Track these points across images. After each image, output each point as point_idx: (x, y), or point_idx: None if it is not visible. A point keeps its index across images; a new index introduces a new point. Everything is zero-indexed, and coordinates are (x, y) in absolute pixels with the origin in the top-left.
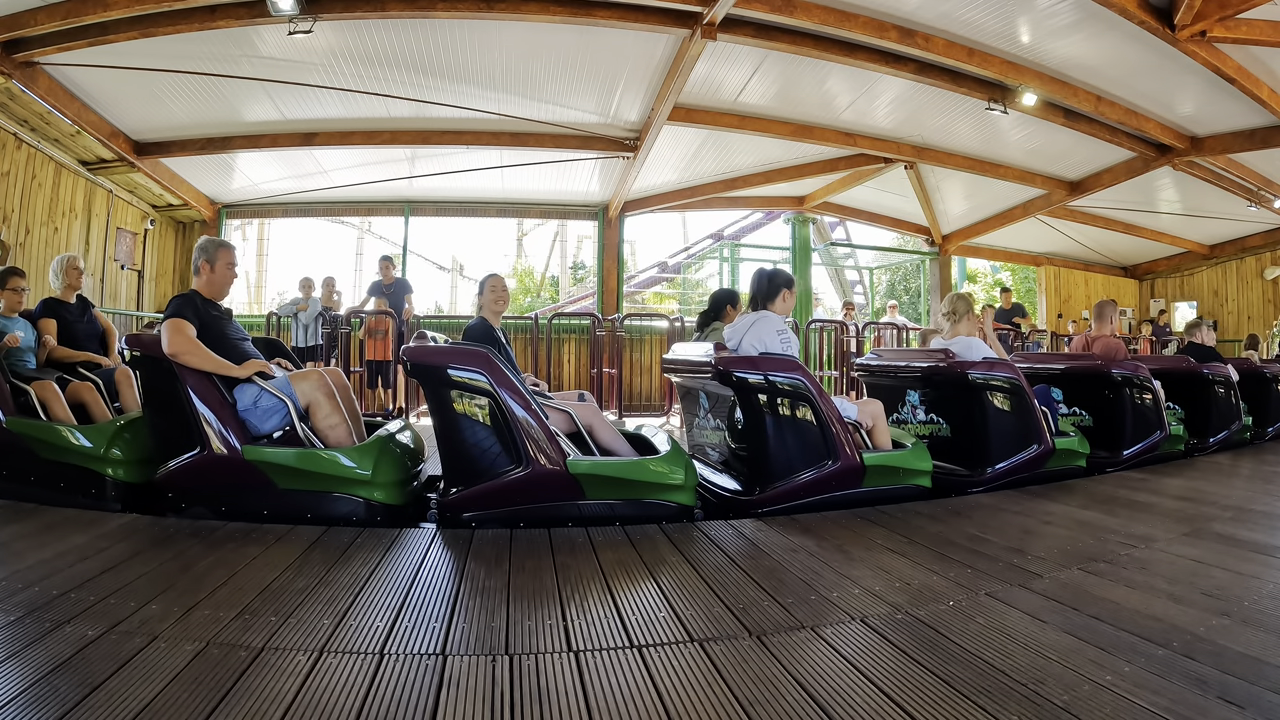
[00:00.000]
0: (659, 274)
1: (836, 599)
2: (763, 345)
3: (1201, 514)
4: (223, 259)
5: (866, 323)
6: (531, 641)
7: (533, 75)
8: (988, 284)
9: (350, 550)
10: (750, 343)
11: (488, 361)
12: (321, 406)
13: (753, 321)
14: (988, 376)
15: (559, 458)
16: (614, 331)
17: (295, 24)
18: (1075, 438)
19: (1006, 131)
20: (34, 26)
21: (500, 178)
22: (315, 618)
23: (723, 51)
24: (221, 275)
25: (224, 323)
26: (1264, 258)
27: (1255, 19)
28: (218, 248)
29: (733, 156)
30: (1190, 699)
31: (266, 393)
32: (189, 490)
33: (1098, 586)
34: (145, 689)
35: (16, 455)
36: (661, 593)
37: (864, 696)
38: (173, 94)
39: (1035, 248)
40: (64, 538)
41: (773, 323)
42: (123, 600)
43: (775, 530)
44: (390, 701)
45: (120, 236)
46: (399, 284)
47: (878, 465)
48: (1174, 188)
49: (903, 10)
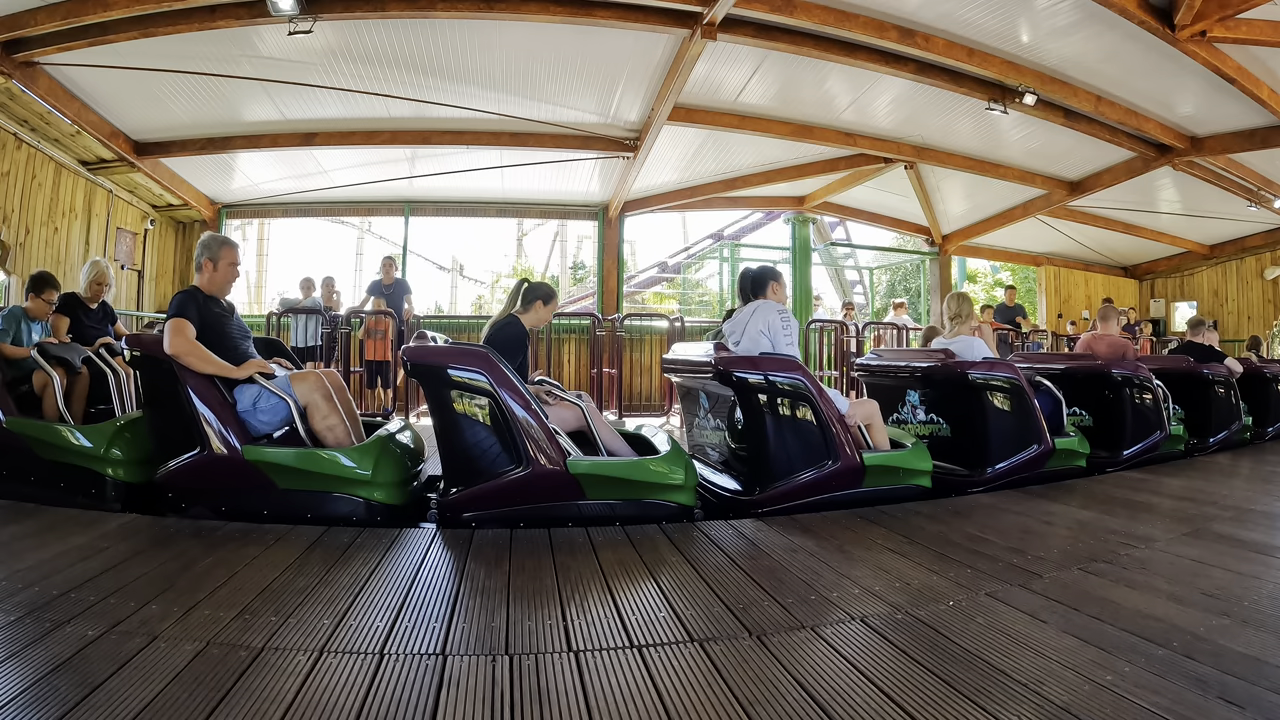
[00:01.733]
0: (659, 274)
1: (836, 599)
2: (768, 329)
3: (1202, 514)
4: (225, 257)
5: (867, 323)
6: (531, 641)
7: (533, 75)
8: (988, 284)
9: (350, 550)
10: (758, 329)
11: (487, 361)
12: (319, 408)
13: (753, 310)
14: (988, 376)
15: (559, 458)
16: (614, 331)
17: (295, 24)
18: (1075, 438)
19: (1006, 131)
20: (34, 26)
21: (500, 178)
22: (315, 618)
23: (723, 51)
24: (224, 273)
25: (225, 320)
26: (1264, 258)
27: (1255, 19)
28: (220, 245)
29: (733, 156)
30: (1190, 699)
31: (267, 393)
32: (189, 490)
33: (1098, 586)
34: (145, 689)
35: (16, 455)
36: (661, 593)
37: (864, 696)
38: (173, 94)
39: (1035, 248)
40: (64, 538)
41: (772, 306)
42: (123, 600)
43: (775, 530)
44: (390, 701)
45: (120, 236)
46: (398, 285)
47: (878, 465)
48: (1174, 188)
49: (903, 10)
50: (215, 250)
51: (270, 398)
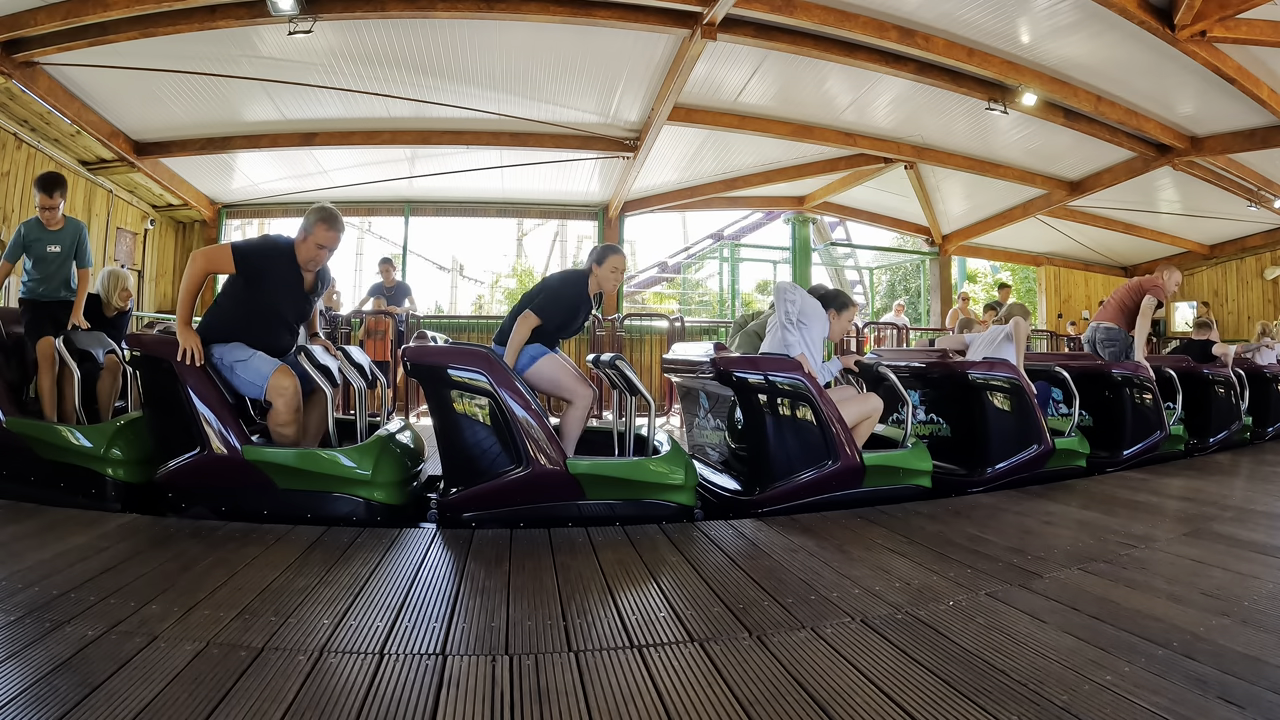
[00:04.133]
0: (659, 274)
1: (836, 599)
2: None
3: (1201, 514)
4: (315, 235)
5: (867, 322)
6: (531, 641)
7: (533, 75)
8: (988, 284)
9: (350, 550)
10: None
11: (488, 361)
12: (279, 414)
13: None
14: (987, 376)
15: (559, 458)
16: (614, 331)
17: (295, 24)
18: (1075, 438)
19: (1006, 131)
20: (34, 26)
21: (500, 178)
22: (315, 618)
23: (723, 51)
24: (305, 249)
25: (286, 292)
26: (1264, 258)
27: (1255, 19)
28: (315, 221)
29: (733, 156)
30: (1190, 699)
31: (249, 364)
32: (189, 490)
33: (1098, 586)
34: (145, 689)
35: (16, 455)
36: (661, 593)
37: (864, 696)
38: (173, 94)
39: (1035, 248)
40: (64, 538)
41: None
42: (123, 600)
43: (775, 530)
44: (390, 701)
45: (120, 236)
46: (399, 287)
47: (878, 465)
48: (1174, 188)
49: (903, 10)
50: (310, 223)
51: (250, 372)
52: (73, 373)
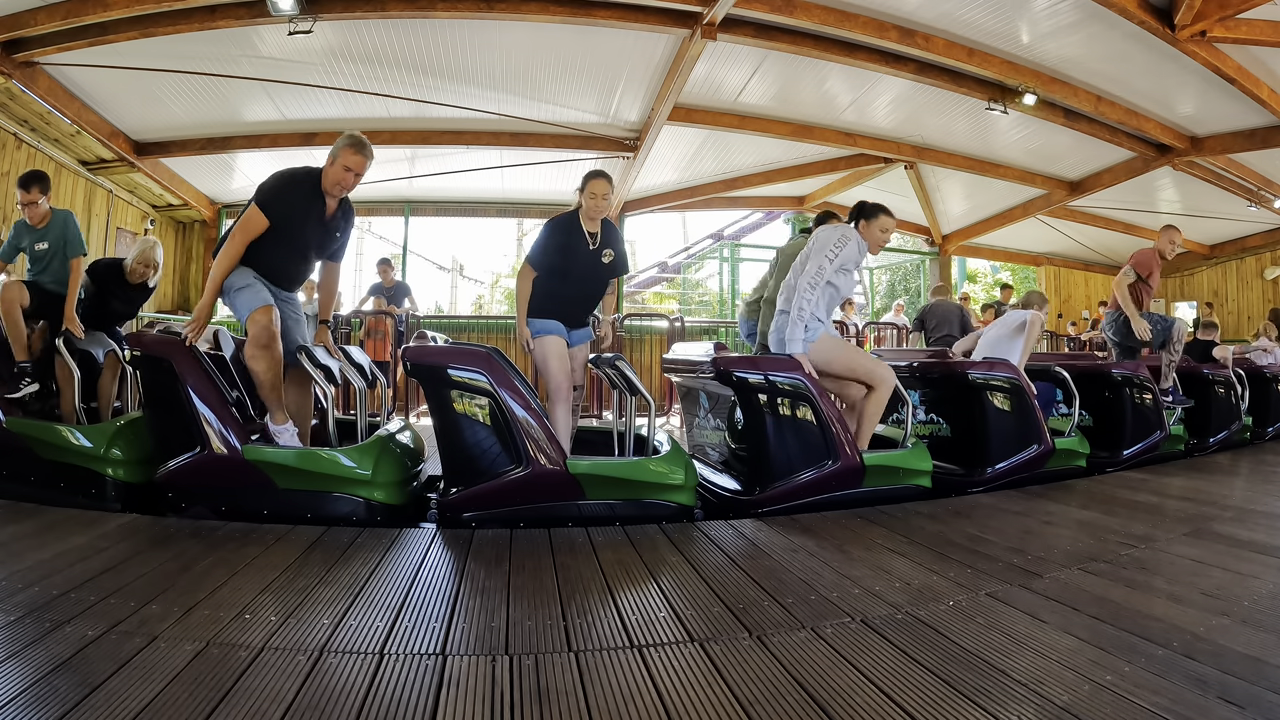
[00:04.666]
0: (659, 274)
1: (836, 599)
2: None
3: (1201, 514)
4: (342, 158)
5: (867, 322)
6: (531, 641)
7: (533, 75)
8: (988, 284)
9: (350, 550)
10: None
11: (488, 361)
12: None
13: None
14: (987, 376)
15: (559, 457)
16: (614, 331)
17: (295, 24)
18: (1075, 438)
19: (1006, 131)
20: (34, 26)
21: (500, 178)
22: (315, 618)
23: (723, 51)
24: (333, 172)
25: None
26: (1264, 258)
27: (1255, 19)
28: (344, 146)
29: (733, 156)
30: (1190, 699)
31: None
32: (189, 490)
33: (1098, 586)
34: (145, 689)
35: (16, 455)
36: (661, 593)
37: (864, 696)
38: (173, 94)
39: (1035, 248)
40: (64, 538)
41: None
42: (123, 600)
43: (775, 530)
44: (390, 701)
45: (120, 236)
46: (399, 287)
47: (878, 465)
48: (1174, 188)
49: (903, 10)
50: (339, 148)
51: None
52: (72, 373)
